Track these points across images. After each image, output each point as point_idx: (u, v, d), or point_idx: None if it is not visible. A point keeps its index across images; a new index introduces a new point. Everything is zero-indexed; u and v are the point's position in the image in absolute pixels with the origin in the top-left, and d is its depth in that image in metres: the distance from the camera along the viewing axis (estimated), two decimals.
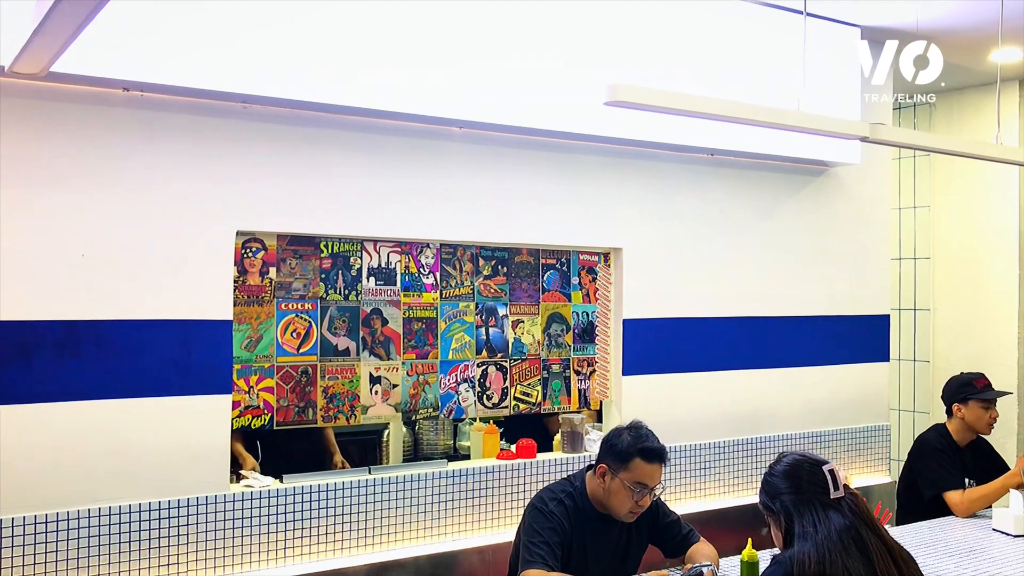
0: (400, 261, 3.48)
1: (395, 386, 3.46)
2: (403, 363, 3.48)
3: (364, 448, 4.31)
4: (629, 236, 3.96)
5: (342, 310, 3.36)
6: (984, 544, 3.49)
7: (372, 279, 3.42)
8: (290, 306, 3.26)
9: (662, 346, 4.06)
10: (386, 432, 4.36)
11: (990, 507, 3.83)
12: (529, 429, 4.16)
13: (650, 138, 3.80)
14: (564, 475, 3.20)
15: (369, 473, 3.33)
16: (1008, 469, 3.99)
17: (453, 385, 3.59)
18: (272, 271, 3.23)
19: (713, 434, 4.19)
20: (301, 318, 3.28)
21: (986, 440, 4.17)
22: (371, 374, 3.41)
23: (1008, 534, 3.59)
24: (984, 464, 4.08)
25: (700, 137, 3.90)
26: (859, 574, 2.12)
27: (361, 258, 3.40)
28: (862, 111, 4.37)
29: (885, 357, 4.84)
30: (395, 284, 3.47)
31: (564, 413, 3.88)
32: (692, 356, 4.16)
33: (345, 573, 3.18)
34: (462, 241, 3.59)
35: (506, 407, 3.73)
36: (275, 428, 3.25)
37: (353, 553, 3.26)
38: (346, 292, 3.37)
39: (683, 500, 4.03)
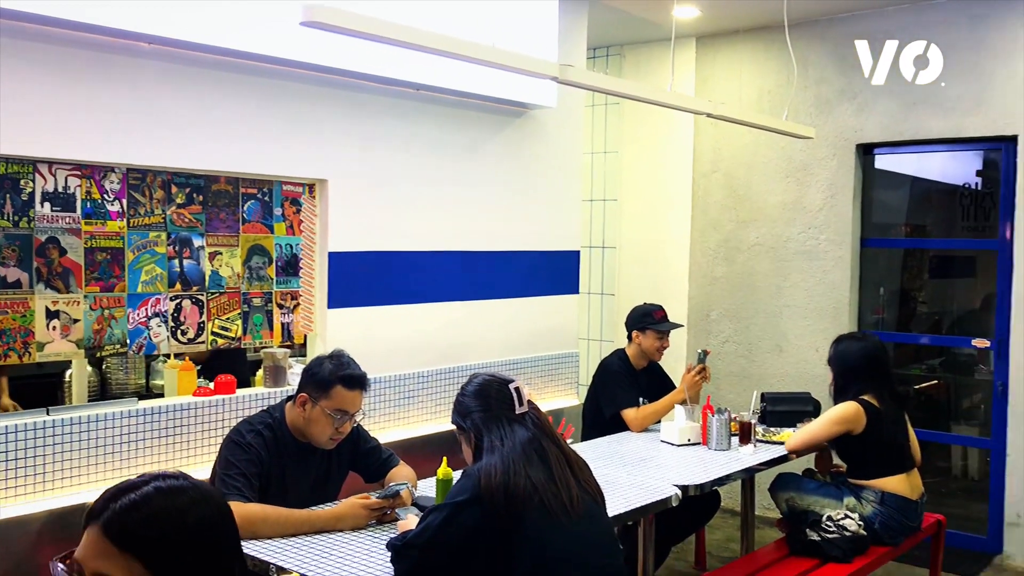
0: (81, 186, 3.20)
1: (76, 321, 3.21)
2: (85, 296, 3.23)
3: (42, 389, 3.97)
4: (335, 167, 3.92)
5: (11, 238, 3.04)
6: (653, 454, 3.90)
7: (47, 205, 3.12)
8: None
9: (368, 279, 4.08)
10: (68, 371, 4.05)
11: (660, 422, 4.28)
12: (230, 365, 4.04)
13: (356, 68, 3.76)
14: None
15: (47, 414, 3.08)
16: (676, 388, 4.47)
17: (143, 320, 3.40)
18: None
19: (417, 364, 4.30)
20: None
21: (659, 364, 4.64)
22: (48, 308, 3.14)
23: (673, 444, 4.03)
24: (657, 385, 4.54)
25: (406, 71, 3.92)
26: (539, 480, 2.30)
27: (34, 181, 3.09)
28: (559, 58, 4.59)
29: (575, 290, 5.20)
30: (75, 211, 3.19)
31: (266, 348, 3.81)
32: (398, 289, 4.22)
33: (21, 520, 2.93)
34: (152, 166, 3.37)
35: (203, 342, 3.59)
36: None
37: (30, 500, 3.01)
38: (15, 218, 3.05)
39: (387, 428, 4.12)
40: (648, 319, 4.44)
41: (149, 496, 1.27)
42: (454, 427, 2.56)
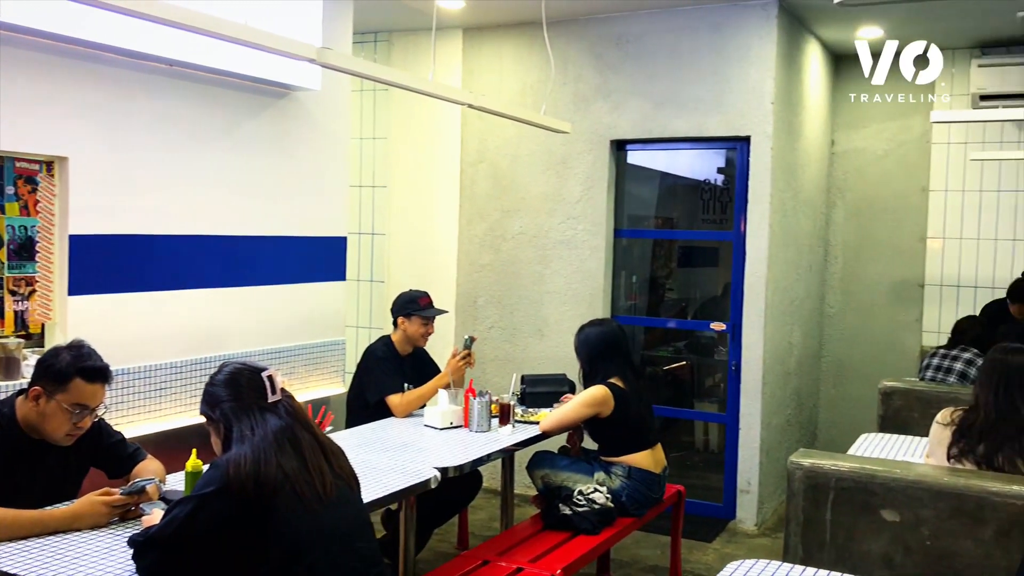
0: None
1: None
2: None
3: None
4: (77, 144, 3.66)
5: None
6: (415, 438, 3.95)
7: None
8: None
9: (115, 264, 3.85)
10: None
11: (425, 406, 4.34)
12: None
13: (102, 40, 3.53)
14: None
15: None
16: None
17: None
18: None
19: (171, 354, 4.11)
20: None
21: (424, 350, 4.70)
22: None
23: (435, 428, 4.11)
24: (422, 370, 4.59)
25: (158, 46, 3.73)
26: (292, 468, 2.28)
27: None
28: (324, 40, 4.53)
29: (342, 277, 5.16)
30: None
31: None
32: (149, 274, 4.01)
33: None
34: None
35: None
36: None
37: None
38: None
39: (136, 422, 3.91)
40: (413, 305, 4.49)
41: None
42: (204, 417, 2.48)
